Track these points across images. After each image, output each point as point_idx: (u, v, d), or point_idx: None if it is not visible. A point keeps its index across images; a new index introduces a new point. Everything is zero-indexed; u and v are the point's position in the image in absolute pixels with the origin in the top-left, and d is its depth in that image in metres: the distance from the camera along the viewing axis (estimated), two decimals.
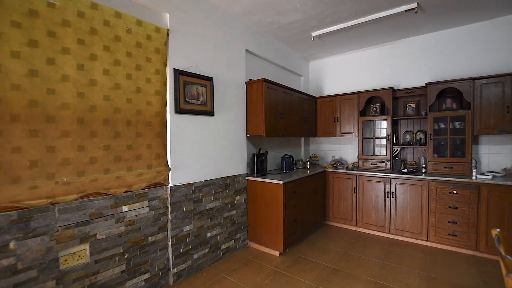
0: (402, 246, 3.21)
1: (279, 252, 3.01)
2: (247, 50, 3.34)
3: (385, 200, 3.48)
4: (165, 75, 2.35)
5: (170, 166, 2.37)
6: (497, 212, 2.78)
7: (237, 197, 3.16)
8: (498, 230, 1.51)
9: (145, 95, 2.19)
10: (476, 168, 3.11)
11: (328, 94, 4.47)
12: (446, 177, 3.07)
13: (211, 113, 2.78)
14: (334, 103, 4.20)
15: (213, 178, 2.83)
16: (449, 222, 3.04)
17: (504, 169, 3.13)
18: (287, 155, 3.75)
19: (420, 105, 3.69)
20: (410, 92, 3.66)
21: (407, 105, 3.78)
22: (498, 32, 3.20)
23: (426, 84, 3.37)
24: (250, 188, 3.26)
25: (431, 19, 3.23)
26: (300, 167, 4.10)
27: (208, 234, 2.76)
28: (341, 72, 4.50)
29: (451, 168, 3.21)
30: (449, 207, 3.03)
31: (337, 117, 4.16)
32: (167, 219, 2.37)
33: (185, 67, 2.51)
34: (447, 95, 3.40)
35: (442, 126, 3.32)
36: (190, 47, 2.57)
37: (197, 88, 2.64)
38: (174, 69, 2.40)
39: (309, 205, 3.56)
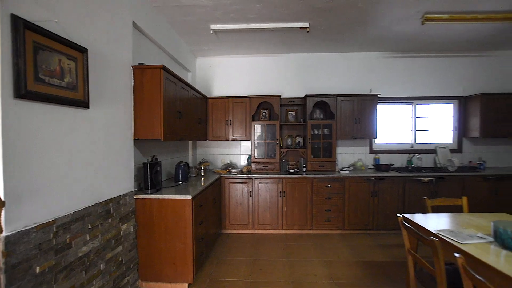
0: (295, 239, 3.54)
1: (187, 284, 2.42)
2: (134, 24, 2.47)
3: (278, 200, 3.72)
4: None
5: (3, 199, 1.25)
6: (354, 198, 3.67)
7: (124, 226, 2.24)
8: (402, 215, 1.89)
9: None
10: (337, 165, 3.99)
11: (218, 96, 4.24)
12: (322, 174, 3.71)
13: (84, 103, 1.77)
14: (226, 105, 4.03)
15: (89, 205, 1.82)
16: (325, 210, 3.69)
17: (351, 165, 4.23)
18: (182, 162, 3.16)
19: (298, 113, 4.28)
20: (292, 101, 4.16)
21: (289, 112, 4.27)
22: (352, 63, 4.31)
23: (306, 96, 3.95)
24: (142, 210, 2.42)
25: (314, 41, 3.80)
26: (194, 175, 3.60)
27: None
28: (231, 74, 4.42)
29: (323, 166, 3.94)
30: (325, 198, 3.68)
31: (230, 120, 4.03)
32: None
33: (38, 19, 1.43)
34: (317, 107, 4.15)
35: (316, 132, 4.00)
36: None
37: (60, 61, 1.59)
38: (14, 16, 1.30)
39: (211, 217, 3.17)
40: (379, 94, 4.05)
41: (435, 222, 1.94)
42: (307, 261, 2.91)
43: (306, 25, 3.16)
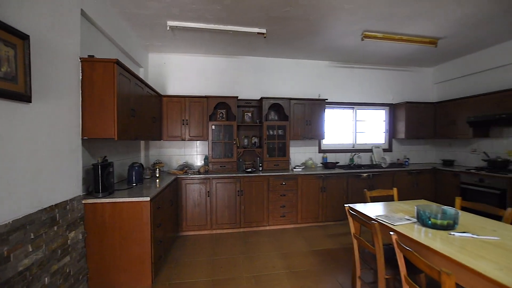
0: (253, 235, 3.67)
1: None
2: (83, 13, 2.26)
3: (236, 199, 3.80)
4: None
5: None
6: (306, 193, 3.98)
7: (71, 234, 2.03)
8: (348, 205, 2.18)
9: None
10: (290, 164, 4.27)
11: (174, 94, 4.11)
12: (278, 172, 3.93)
13: (25, 97, 1.58)
14: (183, 105, 3.94)
15: (31, 212, 1.62)
16: (280, 207, 3.91)
17: (303, 163, 4.57)
18: (136, 163, 2.99)
19: (254, 114, 4.44)
20: (249, 103, 4.30)
21: (245, 113, 4.40)
22: (304, 69, 4.65)
23: (262, 98, 4.12)
24: (92, 216, 2.23)
25: (270, 47, 4.00)
26: (148, 177, 3.43)
27: None
28: (188, 73, 4.32)
29: (278, 165, 4.17)
30: (281, 195, 3.91)
31: (186, 120, 3.95)
32: None
33: None
34: (272, 109, 4.36)
35: (272, 132, 4.21)
36: None
37: None
38: None
39: (169, 219, 3.07)
40: (327, 99, 4.48)
41: (373, 210, 2.27)
42: (265, 255, 3.06)
43: (263, 31, 3.33)
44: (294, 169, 4.16)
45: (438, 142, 5.21)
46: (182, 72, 4.33)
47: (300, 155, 4.67)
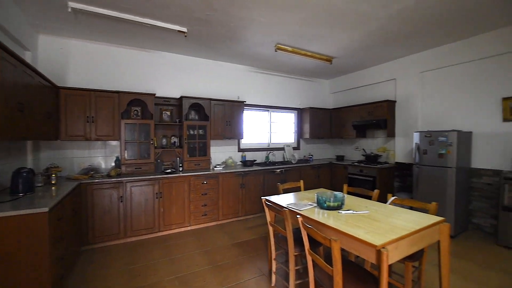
0: (175, 237, 3.57)
1: None
2: None
3: (154, 202, 3.60)
4: None
5: None
6: (226, 191, 4.16)
7: None
8: (264, 198, 2.45)
9: None
10: (211, 163, 4.36)
11: (76, 87, 3.52)
12: (199, 172, 3.94)
13: None
14: (88, 99, 3.43)
15: None
16: (202, 206, 3.95)
17: (223, 162, 4.73)
18: (24, 168, 2.45)
19: (173, 113, 4.29)
20: (167, 101, 4.13)
21: (164, 112, 4.20)
22: (225, 71, 4.76)
23: (182, 97, 4.04)
24: None
25: (192, 46, 3.95)
26: (41, 184, 2.83)
27: None
28: (96, 64, 3.77)
29: (199, 164, 4.18)
30: (202, 194, 3.94)
31: (93, 117, 3.46)
32: None
33: None
34: (192, 108, 4.33)
35: (192, 132, 4.18)
36: None
37: None
38: None
39: (71, 232, 2.65)
40: (245, 101, 4.80)
41: (285, 200, 2.63)
42: (188, 255, 3.05)
43: (184, 29, 3.30)
44: (215, 168, 4.27)
45: (333, 141, 6.37)
46: (89, 62, 3.76)
47: (221, 154, 4.82)
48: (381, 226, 1.75)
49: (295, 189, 3.35)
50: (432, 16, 3.03)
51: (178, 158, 4.11)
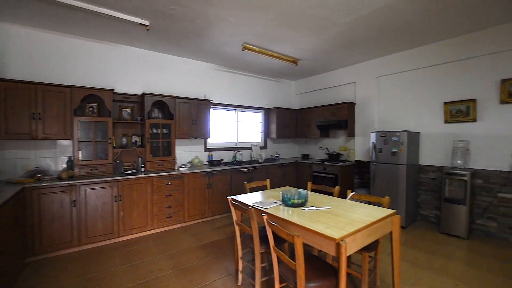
0: (136, 242, 3.37)
1: None
2: None
3: (112, 205, 3.36)
4: None
5: None
6: (192, 191, 4.05)
7: None
8: (230, 197, 2.44)
9: None
10: (176, 163, 4.21)
11: (18, 79, 3.13)
12: (162, 173, 3.78)
13: None
14: (33, 94, 3.07)
15: None
16: (166, 208, 3.79)
17: (189, 162, 4.59)
18: None
19: (134, 110, 4.05)
20: (127, 98, 3.89)
21: (123, 109, 3.94)
22: (191, 68, 4.60)
23: (143, 93, 3.83)
24: None
25: (155, 40, 3.75)
26: None
27: None
28: (45, 54, 3.38)
29: (163, 165, 4.01)
30: (166, 195, 3.78)
31: (39, 113, 3.11)
32: None
33: None
34: (155, 106, 4.13)
35: (155, 131, 3.99)
36: None
37: None
38: None
39: (10, 242, 2.34)
40: (212, 100, 4.72)
41: (251, 198, 2.65)
42: (150, 260, 2.90)
43: (146, 23, 3.12)
44: (181, 168, 4.13)
45: (299, 140, 6.58)
46: (36, 52, 3.36)
47: (187, 154, 4.67)
48: (341, 220, 1.85)
49: (262, 188, 3.39)
50: (385, 26, 3.29)
51: (140, 159, 3.89)
